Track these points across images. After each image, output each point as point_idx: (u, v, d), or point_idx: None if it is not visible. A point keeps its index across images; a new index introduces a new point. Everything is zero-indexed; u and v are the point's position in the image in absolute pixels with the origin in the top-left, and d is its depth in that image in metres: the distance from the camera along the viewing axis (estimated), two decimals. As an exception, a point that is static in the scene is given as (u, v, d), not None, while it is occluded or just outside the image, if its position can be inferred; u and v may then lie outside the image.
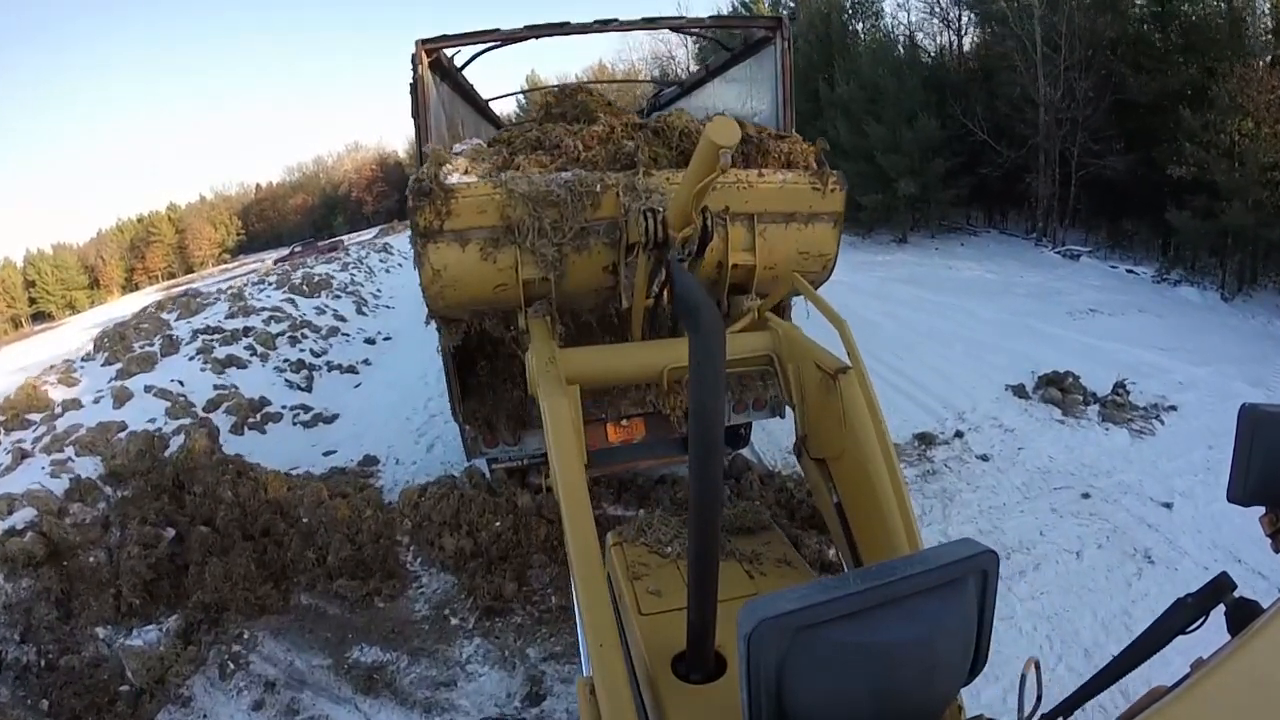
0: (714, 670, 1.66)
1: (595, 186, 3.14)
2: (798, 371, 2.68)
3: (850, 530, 2.34)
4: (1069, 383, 7.75)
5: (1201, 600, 1.31)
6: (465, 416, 4.35)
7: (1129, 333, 9.94)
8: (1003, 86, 16.72)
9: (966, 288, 12.36)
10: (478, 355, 4.42)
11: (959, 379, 7.83)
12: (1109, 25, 15.25)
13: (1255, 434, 1.30)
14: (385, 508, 5.28)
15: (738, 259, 3.40)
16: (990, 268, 14.26)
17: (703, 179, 2.19)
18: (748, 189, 3.36)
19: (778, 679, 0.94)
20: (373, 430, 7.36)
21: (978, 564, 1.01)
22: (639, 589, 2.16)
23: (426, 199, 3.05)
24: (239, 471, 5.71)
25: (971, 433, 6.69)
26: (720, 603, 1.50)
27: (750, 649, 0.91)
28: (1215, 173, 12.90)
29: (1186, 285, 13.66)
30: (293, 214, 68.53)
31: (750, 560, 2.33)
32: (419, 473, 6.15)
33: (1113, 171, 15.49)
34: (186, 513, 5.64)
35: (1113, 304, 11.59)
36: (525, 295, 3.26)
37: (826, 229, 3.58)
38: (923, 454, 6.29)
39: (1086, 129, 15.62)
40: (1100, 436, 6.76)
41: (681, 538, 2.43)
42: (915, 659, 0.98)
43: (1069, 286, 12.84)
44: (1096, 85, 15.32)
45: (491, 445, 4.44)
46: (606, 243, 3.22)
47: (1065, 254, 16.06)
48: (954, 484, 5.90)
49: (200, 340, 9.52)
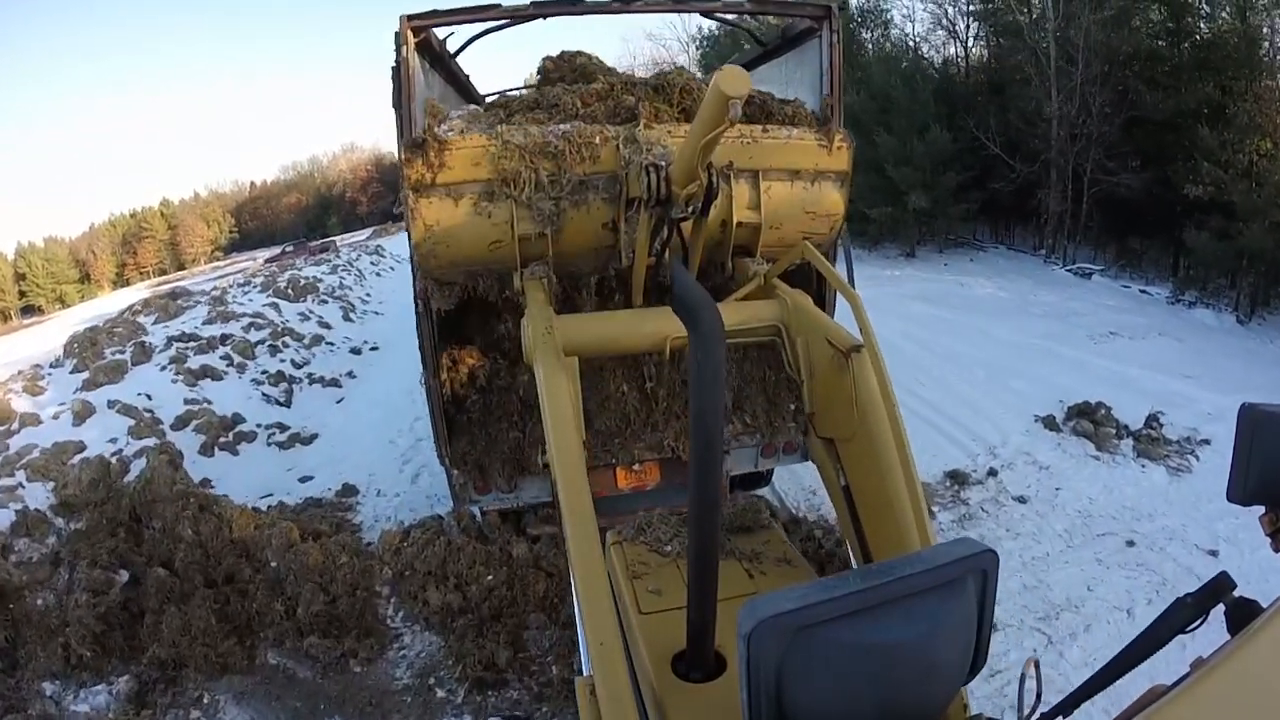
0: (714, 669, 1.65)
1: (594, 138, 3.01)
2: (807, 346, 2.54)
3: (858, 515, 2.25)
4: (1101, 414, 7.44)
5: (1201, 600, 1.30)
6: (453, 459, 3.81)
7: (1152, 358, 9.71)
8: (1014, 100, 16.41)
9: (980, 306, 11.94)
10: (468, 389, 3.90)
11: (986, 409, 7.38)
12: (1125, 40, 14.95)
13: (1255, 434, 1.29)
14: (363, 553, 4.70)
15: (742, 216, 3.25)
16: (1002, 285, 13.86)
17: (710, 131, 2.02)
18: (752, 144, 3.22)
19: (777, 678, 0.94)
20: (354, 454, 6.78)
21: (978, 563, 1.01)
22: (639, 588, 2.12)
23: (419, 151, 2.92)
24: (201, 506, 5.13)
25: (1005, 470, 6.24)
26: (720, 602, 1.49)
27: (750, 648, 0.91)
28: (1233, 193, 12.62)
29: (1201, 307, 13.43)
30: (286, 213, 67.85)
31: (750, 559, 2.28)
32: (402, 507, 5.59)
33: (1127, 189, 15.18)
34: (143, 552, 5.08)
35: (1132, 326, 11.29)
36: (521, 254, 3.11)
37: (833, 188, 3.43)
38: (956, 495, 5.80)
39: (1101, 145, 15.30)
40: (1137, 475, 6.44)
41: (681, 537, 2.37)
42: (915, 659, 0.97)
43: (1085, 307, 12.51)
44: (1113, 101, 15.00)
45: (483, 492, 3.90)
46: (605, 198, 3.08)
47: (1077, 272, 15.72)
48: (993, 530, 5.42)
49: (174, 348, 8.91)
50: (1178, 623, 1.32)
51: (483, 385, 3.92)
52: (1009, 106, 16.35)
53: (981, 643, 1.07)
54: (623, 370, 3.92)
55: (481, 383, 3.92)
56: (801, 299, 2.74)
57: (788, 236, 3.37)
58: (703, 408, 1.30)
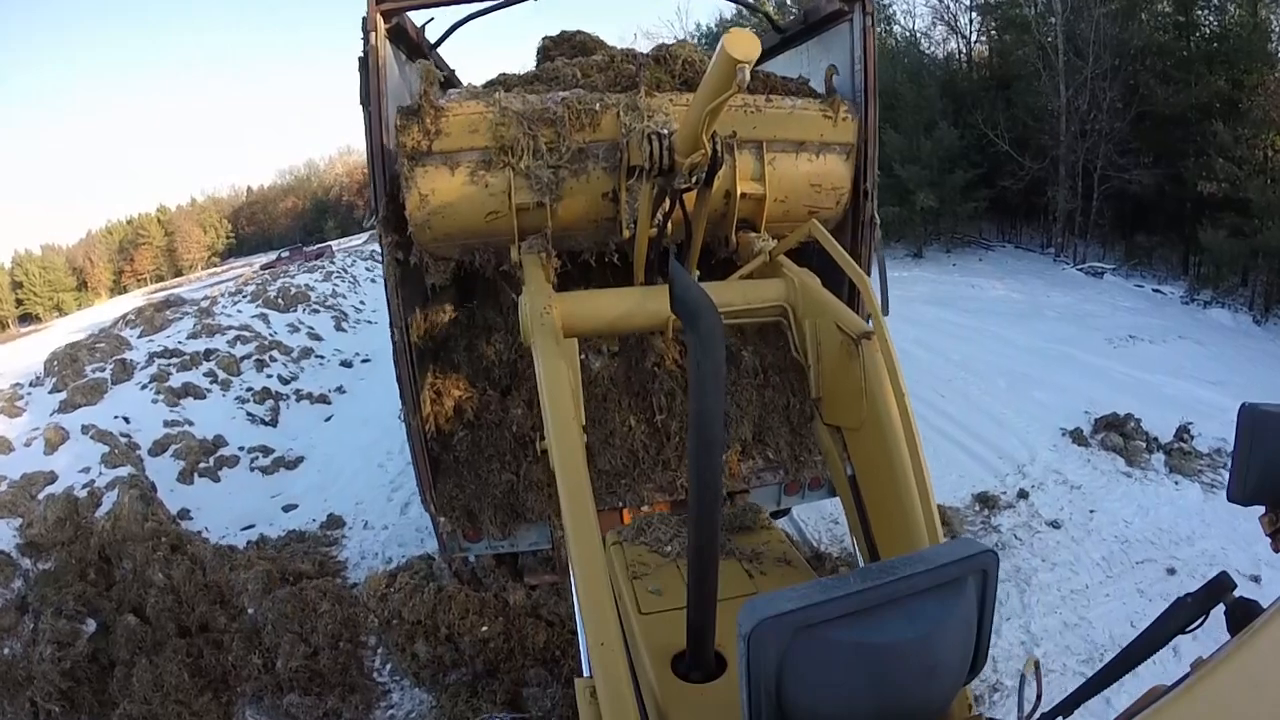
0: (714, 669, 1.63)
1: (594, 105, 2.92)
2: (815, 329, 2.45)
3: (864, 507, 2.19)
4: (1130, 427, 7.13)
5: (1201, 600, 1.29)
6: (439, 505, 3.40)
7: (1175, 363, 9.43)
8: (1021, 95, 16.04)
9: (993, 309, 11.56)
10: (454, 425, 3.51)
11: (1010, 422, 7.02)
12: (1135, 34, 14.57)
13: (1255, 434, 1.28)
14: (346, 599, 4.31)
15: (746, 188, 3.14)
16: (1014, 286, 13.48)
17: (716, 98, 1.90)
18: (755, 113, 3.12)
19: (777, 678, 0.93)
20: (340, 479, 6.40)
21: (978, 564, 1.01)
22: (639, 588, 2.10)
23: (415, 117, 2.81)
24: (173, 546, 4.77)
25: (1036, 491, 5.89)
26: (720, 602, 1.49)
27: (750, 648, 0.90)
28: (1248, 189, 12.29)
29: (1217, 307, 13.15)
30: (283, 217, 67.34)
31: (750, 559, 2.26)
32: (390, 541, 5.21)
33: (1139, 186, 14.83)
34: (113, 596, 4.74)
35: (1150, 329, 10.98)
36: (519, 225, 2.99)
37: (839, 160, 3.30)
38: (987, 521, 5.43)
39: (1111, 141, 14.92)
40: (1172, 493, 6.16)
41: (681, 537, 2.33)
42: (915, 659, 0.96)
43: (1100, 309, 12.17)
44: (1123, 95, 14.63)
45: (474, 539, 3.49)
46: (606, 167, 2.98)
47: (1088, 271, 15.35)
48: (1028, 561, 5.06)
49: (156, 365, 8.52)
50: (1178, 623, 1.31)
51: (471, 420, 3.52)
52: (1016, 102, 15.96)
53: (982, 643, 1.06)
54: (629, 401, 3.54)
55: (470, 417, 3.52)
56: (809, 279, 2.61)
57: (793, 211, 3.26)
58: (703, 408, 1.30)
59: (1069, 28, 15.12)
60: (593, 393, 3.51)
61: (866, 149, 3.28)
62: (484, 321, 3.72)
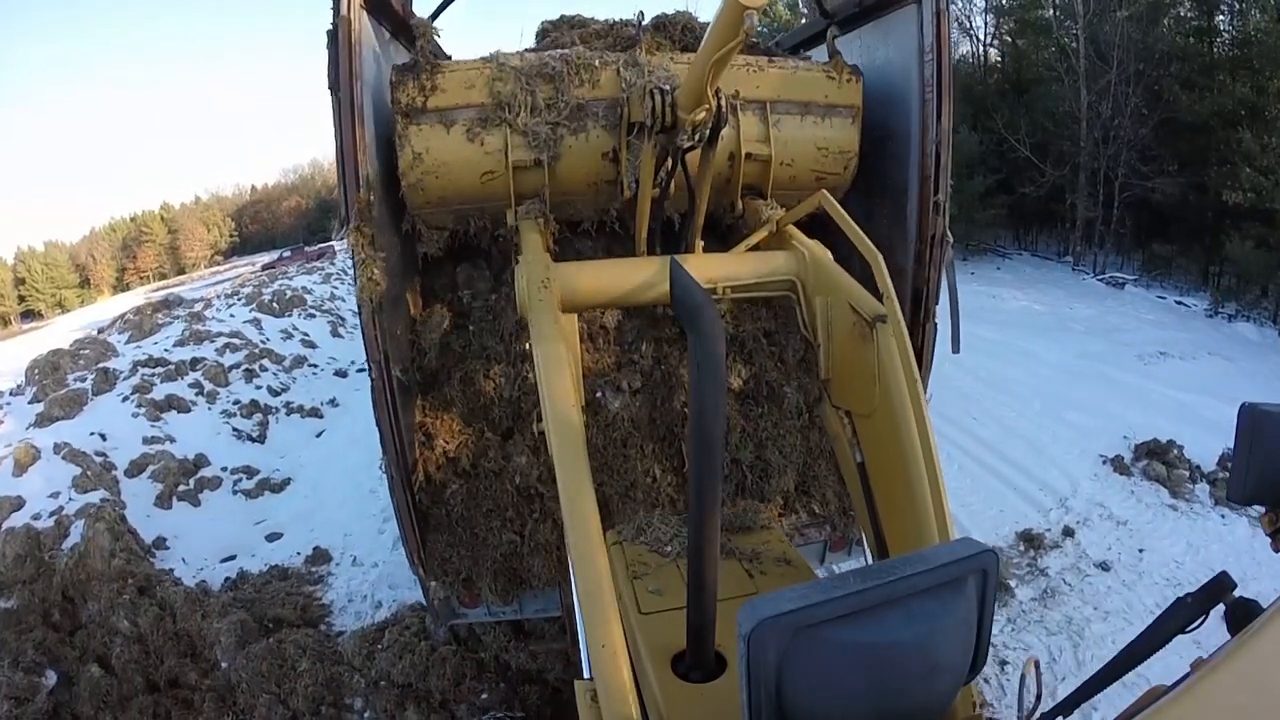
0: (714, 669, 1.61)
1: (594, 61, 2.87)
2: (826, 307, 2.33)
3: (872, 496, 2.12)
4: (1172, 455, 6.77)
5: (1201, 600, 1.30)
6: (429, 568, 2.93)
7: (1208, 382, 9.11)
8: (1040, 99, 15.62)
9: (1018, 322, 11.13)
10: (446, 474, 3.05)
11: (1048, 449, 6.59)
12: (1159, 38, 14.15)
13: (1255, 434, 1.28)
14: (329, 656, 3.87)
15: (751, 149, 3.04)
16: (1035, 297, 13.06)
17: (722, 46, 1.82)
18: (758, 73, 3.06)
19: (777, 678, 0.92)
20: (328, 505, 5.96)
21: (978, 564, 1.00)
22: (639, 588, 2.07)
23: (410, 72, 2.75)
24: (141, 588, 4.35)
25: (1081, 528, 5.47)
26: (720, 602, 1.48)
27: (750, 648, 0.89)
28: (1276, 199, 11.91)
29: (1242, 320, 12.77)
30: (287, 216, 66.98)
31: (750, 559, 2.23)
32: (380, 582, 4.76)
33: (1161, 194, 14.41)
34: (76, 644, 4.32)
35: (1178, 344, 10.63)
36: (516, 188, 2.88)
37: (845, 123, 3.17)
38: (1034, 564, 4.99)
39: (1134, 148, 14.49)
40: (1219, 528, 5.85)
41: (681, 537, 2.29)
42: (915, 659, 0.95)
43: (1125, 322, 11.79)
44: (1147, 101, 14.20)
45: (471, 605, 3.03)
46: (605, 126, 2.89)
47: (1109, 282, 14.92)
48: (1079, 609, 4.63)
49: (140, 375, 8.08)
50: (1178, 623, 1.32)
51: (466, 469, 3.06)
52: (1035, 106, 15.53)
53: (982, 642, 1.04)
54: (653, 447, 3.08)
55: (464, 465, 3.05)
56: (821, 252, 2.46)
57: (800, 176, 3.16)
58: (703, 408, 1.31)
59: (1091, 30, 14.69)
60: (611, 437, 3.06)
61: (939, 153, 2.83)
62: (481, 349, 3.19)
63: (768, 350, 3.24)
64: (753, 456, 3.15)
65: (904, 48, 2.93)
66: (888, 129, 3.15)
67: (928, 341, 3.04)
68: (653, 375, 3.21)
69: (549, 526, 2.92)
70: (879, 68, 3.14)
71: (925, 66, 2.78)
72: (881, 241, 3.30)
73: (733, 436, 3.14)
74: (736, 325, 3.29)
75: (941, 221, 2.90)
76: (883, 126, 3.18)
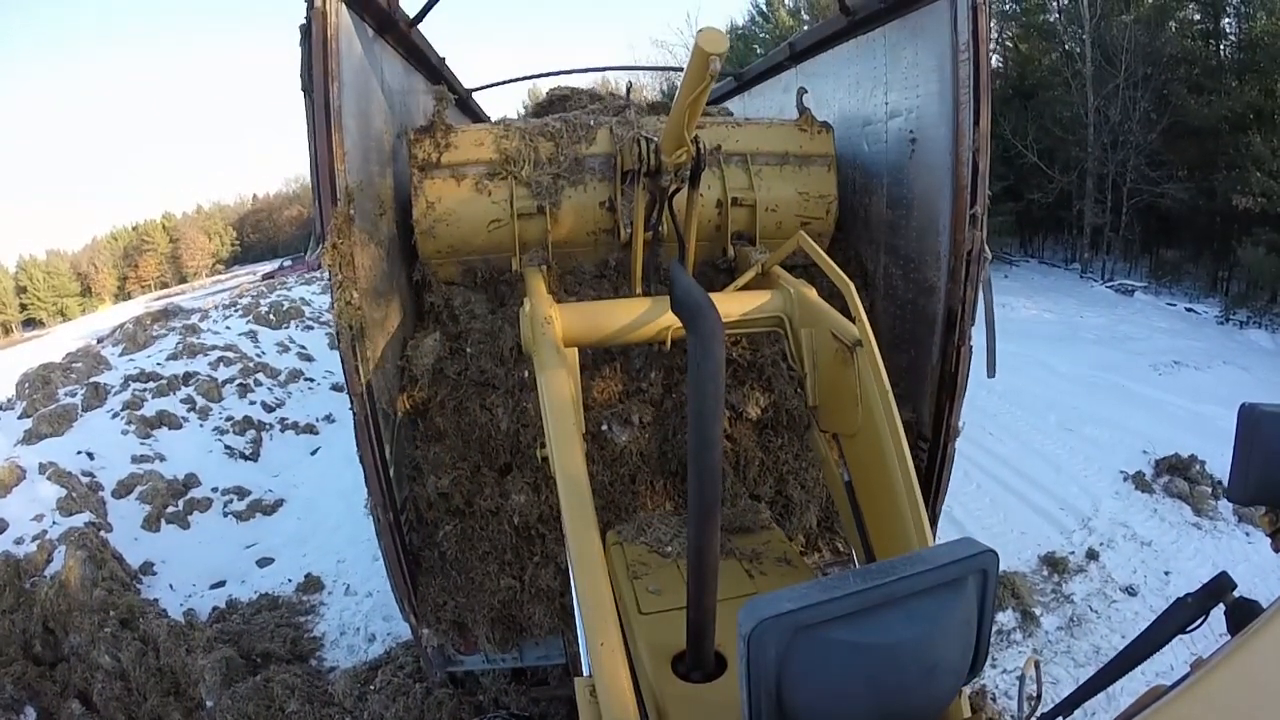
0: (714, 669, 1.61)
1: (589, 121, 3.21)
2: (810, 338, 2.46)
3: (860, 512, 2.16)
4: (1194, 471, 6.59)
5: (1201, 600, 1.30)
6: (422, 615, 2.73)
7: (1223, 392, 8.93)
8: (1045, 105, 15.46)
9: (1029, 331, 10.91)
10: (438, 513, 2.84)
11: (1067, 465, 6.37)
12: (1167, 41, 14.00)
13: (1255, 434, 1.28)
14: (319, 697, 3.65)
15: (737, 194, 3.30)
16: (1045, 305, 12.85)
17: (694, 89, 1.93)
18: (737, 129, 3.42)
19: (777, 678, 0.93)
20: (322, 530, 5.75)
21: (978, 564, 1.00)
22: (639, 588, 2.08)
23: (427, 133, 3.06)
24: (123, 620, 4.14)
25: (1106, 550, 5.25)
26: (720, 602, 1.49)
27: (750, 648, 0.90)
28: (1287, 204, 11.74)
29: (1254, 328, 12.56)
30: (288, 225, 67.04)
31: (750, 560, 2.25)
32: (374, 613, 4.54)
33: (1170, 200, 14.22)
34: (56, 678, 4.11)
35: (1192, 353, 10.43)
36: (520, 236, 3.12)
37: (822, 171, 3.44)
38: (1058, 590, 4.77)
39: (1143, 153, 14.31)
40: (1245, 548, 5.68)
41: (681, 537, 2.31)
42: (915, 658, 0.96)
43: (1137, 330, 11.59)
44: (1155, 105, 14.03)
45: (468, 652, 2.83)
46: (602, 178, 3.17)
47: (1117, 289, 14.72)
48: (1106, 639, 4.42)
49: (131, 390, 7.90)
50: (1178, 623, 1.33)
51: (460, 507, 2.85)
52: (1042, 112, 15.36)
53: (982, 642, 1.06)
54: (664, 484, 2.87)
55: (458, 503, 2.85)
56: (806, 290, 2.57)
57: (786, 223, 3.37)
58: (702, 408, 1.31)
59: (1097, 35, 14.54)
60: (618, 473, 2.85)
61: (977, 160, 2.62)
62: (479, 374, 2.98)
63: (788, 376, 3.05)
64: (773, 492, 2.97)
65: (934, 46, 2.73)
66: (915, 134, 2.96)
67: (962, 365, 2.83)
68: (663, 405, 3.01)
69: (550, 571, 2.72)
70: (905, 67, 2.95)
71: (960, 66, 2.57)
72: (909, 256, 3.14)
73: (751, 470, 2.98)
74: (754, 351, 3.14)
75: (979, 235, 2.68)
76: (909, 132, 2.99)
